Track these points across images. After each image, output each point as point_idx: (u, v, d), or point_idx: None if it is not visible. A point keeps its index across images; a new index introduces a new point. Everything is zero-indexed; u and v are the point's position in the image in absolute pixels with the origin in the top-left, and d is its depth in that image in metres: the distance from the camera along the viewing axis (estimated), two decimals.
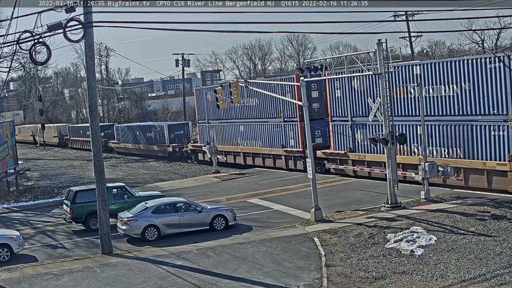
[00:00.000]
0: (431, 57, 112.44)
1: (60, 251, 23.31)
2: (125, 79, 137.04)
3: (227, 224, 24.49)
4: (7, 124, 41.27)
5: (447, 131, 28.65)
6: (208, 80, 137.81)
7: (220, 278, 17.91)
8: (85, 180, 43.31)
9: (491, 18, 73.14)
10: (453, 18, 72.37)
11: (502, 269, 16.74)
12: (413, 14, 61.23)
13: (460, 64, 27.54)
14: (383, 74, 25.31)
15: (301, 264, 18.76)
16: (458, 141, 28.11)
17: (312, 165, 24.78)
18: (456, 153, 28.21)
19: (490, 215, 22.17)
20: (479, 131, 27.02)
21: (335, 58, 32.63)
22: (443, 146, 28.90)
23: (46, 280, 18.82)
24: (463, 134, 27.85)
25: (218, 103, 32.62)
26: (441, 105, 28.78)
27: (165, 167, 51.63)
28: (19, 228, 27.21)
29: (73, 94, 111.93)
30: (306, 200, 27.54)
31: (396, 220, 22.79)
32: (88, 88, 21.92)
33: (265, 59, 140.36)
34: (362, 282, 16.87)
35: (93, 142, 21.85)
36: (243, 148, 45.33)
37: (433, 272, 17.09)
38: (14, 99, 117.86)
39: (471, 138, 27.43)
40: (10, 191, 39.44)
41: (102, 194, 21.74)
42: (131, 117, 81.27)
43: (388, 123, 25.34)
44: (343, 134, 35.19)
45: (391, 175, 25.26)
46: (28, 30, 18.76)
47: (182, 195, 31.01)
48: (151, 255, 21.07)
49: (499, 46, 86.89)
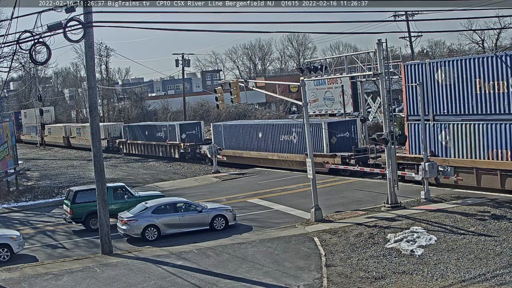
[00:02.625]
0: (431, 57, 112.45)
1: (60, 251, 23.31)
2: (125, 79, 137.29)
3: (227, 224, 24.50)
4: (7, 124, 41.34)
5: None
6: (208, 80, 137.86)
7: (220, 278, 17.91)
8: (85, 180, 43.29)
9: (491, 18, 73.16)
10: (453, 18, 72.23)
11: (502, 269, 16.75)
12: (413, 14, 61.26)
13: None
14: (383, 74, 25.32)
15: (301, 264, 18.76)
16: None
17: (312, 165, 24.77)
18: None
19: (490, 215, 22.18)
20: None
21: (335, 58, 32.66)
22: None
23: (46, 280, 18.82)
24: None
25: (218, 103, 32.63)
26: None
27: (165, 167, 51.61)
28: (19, 228, 27.20)
29: (73, 94, 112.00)
30: (306, 200, 27.54)
31: (396, 220, 22.80)
32: (88, 88, 21.93)
33: (265, 59, 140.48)
34: (362, 282, 16.87)
35: (93, 142, 21.86)
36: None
37: (433, 272, 17.10)
38: (14, 99, 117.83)
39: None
40: (10, 191, 39.43)
41: (102, 194, 21.75)
42: (131, 117, 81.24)
43: (388, 122, 25.36)
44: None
45: (391, 175, 25.28)
46: (28, 30, 18.76)
47: (182, 195, 31.00)
48: (151, 255, 21.07)
49: (499, 46, 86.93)
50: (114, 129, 68.30)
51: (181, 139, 52.82)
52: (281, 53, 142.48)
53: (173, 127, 54.30)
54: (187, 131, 53.43)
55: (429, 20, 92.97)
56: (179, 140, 52.94)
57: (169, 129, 54.96)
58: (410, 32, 63.46)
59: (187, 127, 54.07)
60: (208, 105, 75.33)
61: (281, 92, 70.75)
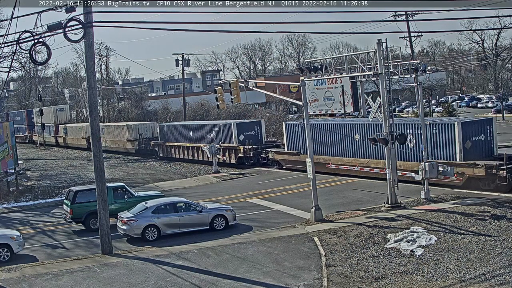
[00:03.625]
0: (431, 57, 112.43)
1: (60, 251, 23.31)
2: (125, 79, 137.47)
3: (227, 224, 24.50)
4: (7, 124, 41.34)
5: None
6: (208, 80, 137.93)
7: (220, 278, 17.91)
8: (85, 180, 43.28)
9: (491, 18, 73.34)
10: (453, 18, 72.46)
11: (502, 269, 16.75)
12: (413, 14, 61.40)
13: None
14: (383, 74, 25.32)
15: (301, 264, 18.76)
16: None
17: (312, 165, 24.77)
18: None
19: (490, 215, 22.19)
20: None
21: (335, 58, 32.63)
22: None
23: (46, 280, 18.82)
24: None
25: (218, 103, 32.65)
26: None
27: (165, 167, 51.56)
28: (19, 228, 27.19)
29: (73, 94, 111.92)
30: (306, 200, 27.54)
31: (396, 220, 22.80)
32: (88, 88, 21.93)
33: (265, 59, 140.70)
34: (362, 282, 16.87)
35: (93, 142, 21.87)
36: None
37: (433, 272, 17.10)
38: (14, 99, 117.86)
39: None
40: (10, 191, 39.43)
41: (102, 194, 21.75)
42: (131, 117, 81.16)
43: (388, 122, 25.36)
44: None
45: (391, 175, 25.28)
46: (28, 30, 18.76)
47: (182, 195, 31.00)
48: (151, 255, 21.07)
49: (499, 46, 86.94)
50: (146, 129, 60.48)
51: (238, 141, 45.14)
52: (281, 53, 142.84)
53: (228, 127, 46.67)
54: (246, 131, 45.73)
55: (429, 20, 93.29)
56: (237, 142, 45.27)
57: (223, 129, 47.31)
58: (410, 32, 63.59)
59: (246, 127, 46.27)
60: (208, 105, 75.25)
61: (281, 92, 70.76)
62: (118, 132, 62.81)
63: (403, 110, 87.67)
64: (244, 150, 44.01)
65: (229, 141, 46.17)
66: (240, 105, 64.62)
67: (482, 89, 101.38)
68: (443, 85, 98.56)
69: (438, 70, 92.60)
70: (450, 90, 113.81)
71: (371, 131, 32.43)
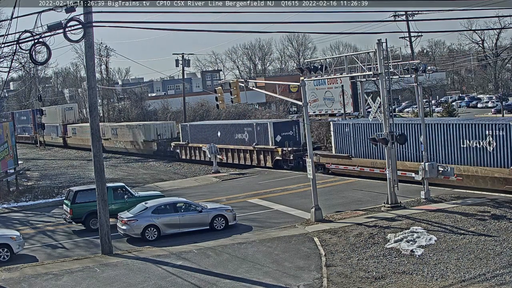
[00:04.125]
0: (431, 57, 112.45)
1: (60, 251, 23.31)
2: (125, 79, 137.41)
3: (227, 224, 24.49)
4: (7, 124, 41.32)
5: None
6: (208, 80, 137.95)
7: (220, 278, 17.91)
8: (85, 180, 43.29)
9: (491, 18, 73.36)
10: (453, 18, 72.53)
11: (502, 269, 16.75)
12: (413, 14, 61.36)
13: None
14: (383, 74, 25.32)
15: (301, 264, 18.76)
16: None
17: (312, 165, 24.78)
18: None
19: (490, 215, 22.18)
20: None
21: (335, 58, 32.65)
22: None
23: (46, 280, 18.82)
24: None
25: (218, 103, 32.64)
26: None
27: (165, 167, 51.58)
28: (19, 228, 27.19)
29: (73, 94, 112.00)
30: (306, 200, 27.54)
31: (396, 220, 22.80)
32: (88, 88, 21.93)
33: (265, 59, 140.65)
34: (362, 282, 16.87)
35: (93, 142, 21.86)
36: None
37: (433, 272, 17.10)
38: (14, 99, 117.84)
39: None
40: (10, 191, 39.43)
41: (102, 194, 21.74)
42: (131, 117, 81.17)
43: (388, 122, 25.35)
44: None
45: (391, 175, 25.27)
46: (28, 30, 18.75)
47: (182, 195, 31.00)
48: (151, 255, 21.07)
49: (499, 46, 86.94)
50: (165, 129, 57.39)
51: (275, 143, 42.21)
52: (281, 53, 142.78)
53: (263, 127, 43.35)
54: (283, 132, 42.71)
55: (429, 20, 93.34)
56: (273, 143, 42.26)
57: (257, 129, 44.04)
58: (410, 32, 63.55)
59: (283, 127, 43.18)
60: (208, 105, 75.29)
61: (281, 92, 70.70)
62: (133, 133, 59.63)
63: (403, 110, 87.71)
64: (283, 152, 40.77)
65: (264, 142, 43.23)
66: (240, 105, 64.65)
67: (482, 89, 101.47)
68: (443, 85, 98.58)
69: (438, 70, 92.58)
70: (450, 90, 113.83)
71: (449, 132, 28.82)
